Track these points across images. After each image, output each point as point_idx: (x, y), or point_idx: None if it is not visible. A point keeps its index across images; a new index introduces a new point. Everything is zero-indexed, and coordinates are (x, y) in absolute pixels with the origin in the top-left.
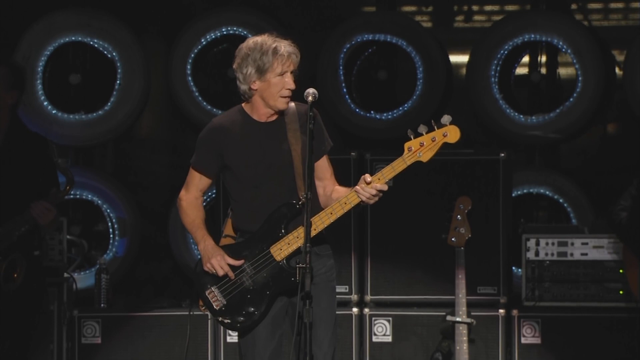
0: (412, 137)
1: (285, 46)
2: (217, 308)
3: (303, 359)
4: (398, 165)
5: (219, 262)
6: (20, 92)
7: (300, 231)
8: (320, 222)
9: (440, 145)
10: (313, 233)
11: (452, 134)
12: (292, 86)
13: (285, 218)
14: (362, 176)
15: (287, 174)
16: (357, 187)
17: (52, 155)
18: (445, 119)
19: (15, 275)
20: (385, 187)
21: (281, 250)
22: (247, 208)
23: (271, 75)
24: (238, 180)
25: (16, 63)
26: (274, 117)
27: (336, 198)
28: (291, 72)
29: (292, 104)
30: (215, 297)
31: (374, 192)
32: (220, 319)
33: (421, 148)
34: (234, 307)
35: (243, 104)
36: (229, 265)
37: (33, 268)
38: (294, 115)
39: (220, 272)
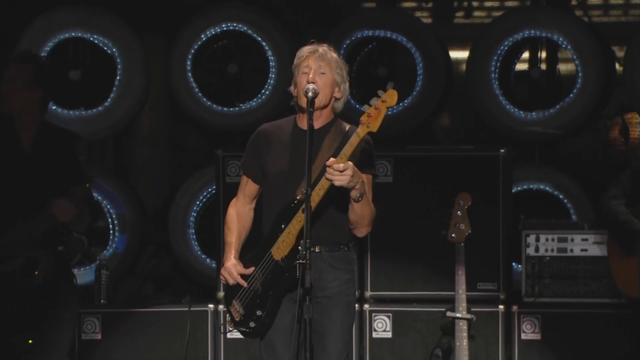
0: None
1: (309, 47)
2: (238, 319)
3: (303, 353)
4: (354, 140)
5: (228, 272)
6: (45, 89)
7: (290, 227)
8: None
9: (384, 111)
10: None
11: (390, 98)
12: (310, 79)
13: (285, 219)
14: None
15: (301, 180)
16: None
17: (78, 153)
18: (387, 85)
19: (37, 273)
20: (341, 167)
21: (278, 249)
22: (266, 212)
23: (297, 77)
24: (265, 185)
25: (40, 59)
26: (318, 126)
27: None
28: (319, 70)
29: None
30: (236, 309)
31: (335, 172)
32: (240, 329)
33: (369, 119)
34: (248, 314)
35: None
36: (243, 275)
37: (58, 264)
38: (341, 130)
39: (230, 282)
